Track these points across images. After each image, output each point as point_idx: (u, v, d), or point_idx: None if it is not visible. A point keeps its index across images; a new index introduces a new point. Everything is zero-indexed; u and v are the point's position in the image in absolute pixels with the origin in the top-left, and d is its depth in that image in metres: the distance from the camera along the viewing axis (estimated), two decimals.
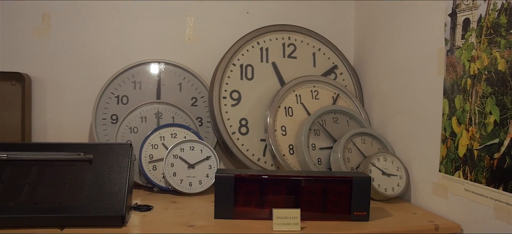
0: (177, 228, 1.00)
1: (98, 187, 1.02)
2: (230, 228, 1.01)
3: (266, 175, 1.10)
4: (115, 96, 1.49)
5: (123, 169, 1.05)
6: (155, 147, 1.37)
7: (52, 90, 1.56)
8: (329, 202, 1.09)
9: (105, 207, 0.99)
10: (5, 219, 0.97)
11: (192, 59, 1.59)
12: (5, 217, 0.97)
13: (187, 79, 1.55)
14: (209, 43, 1.62)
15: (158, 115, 1.47)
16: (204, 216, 1.10)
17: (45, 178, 1.06)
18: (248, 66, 1.55)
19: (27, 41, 1.54)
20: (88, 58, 1.56)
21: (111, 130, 1.46)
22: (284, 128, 1.48)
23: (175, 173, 1.32)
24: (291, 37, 1.62)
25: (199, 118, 1.54)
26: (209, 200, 1.26)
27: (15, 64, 1.53)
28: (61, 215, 0.98)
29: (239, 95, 1.53)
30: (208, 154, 1.36)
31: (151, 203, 1.20)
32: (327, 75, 1.63)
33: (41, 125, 1.56)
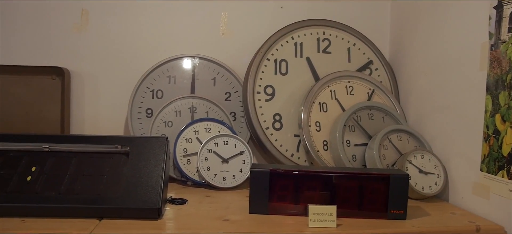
0: (212, 222, 1.00)
1: (135, 180, 1.03)
2: (265, 223, 1.00)
3: (302, 170, 1.09)
4: (150, 90, 1.51)
5: (159, 163, 1.06)
6: (189, 141, 1.38)
7: (90, 84, 1.60)
8: (365, 200, 1.07)
9: (141, 199, 1.00)
10: (47, 208, 1.00)
11: (226, 54, 1.60)
12: (47, 206, 1.00)
13: (221, 74, 1.56)
14: (243, 38, 1.62)
15: (192, 109, 1.48)
16: (238, 210, 1.10)
17: (84, 170, 1.08)
18: (282, 61, 1.54)
19: (66, 37, 1.58)
20: (124, 53, 1.59)
21: (146, 124, 1.48)
22: (318, 123, 1.46)
23: (209, 167, 1.32)
24: (325, 32, 1.60)
25: (233, 112, 1.55)
26: (243, 195, 1.26)
27: (55, 58, 1.58)
28: (99, 206, 1.00)
29: (273, 90, 1.52)
30: (242, 149, 1.36)
31: (185, 197, 1.21)
32: (362, 70, 1.60)
33: (79, 118, 1.60)
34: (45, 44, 1.58)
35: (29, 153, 1.12)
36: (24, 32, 1.57)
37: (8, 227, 0.93)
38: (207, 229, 0.95)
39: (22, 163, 1.09)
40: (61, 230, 0.92)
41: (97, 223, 0.97)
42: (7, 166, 1.08)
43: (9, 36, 1.57)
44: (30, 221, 0.97)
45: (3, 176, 1.06)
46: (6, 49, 1.57)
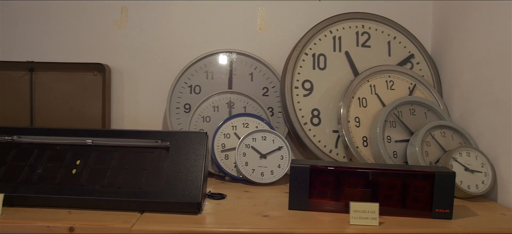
0: (252, 218, 1.00)
1: (175, 174, 1.04)
2: (305, 220, 0.99)
3: (343, 166, 1.07)
4: (188, 86, 1.52)
5: (199, 157, 1.07)
6: (227, 136, 1.38)
7: (129, 80, 1.63)
8: (409, 198, 1.04)
9: (182, 193, 1.01)
10: (91, 200, 1.02)
11: (263, 49, 1.59)
12: (91, 199, 1.02)
13: (259, 69, 1.55)
14: (280, 32, 1.61)
15: (230, 104, 1.48)
16: (277, 206, 1.09)
17: (126, 164, 1.10)
18: (320, 56, 1.52)
19: (107, 33, 1.62)
20: (162, 48, 1.61)
21: (184, 119, 1.50)
22: (357, 119, 1.43)
23: (247, 162, 1.32)
24: (365, 25, 1.56)
25: (270, 108, 1.54)
26: (281, 191, 1.25)
27: (96, 55, 1.61)
28: (141, 199, 1.02)
29: (311, 85, 1.50)
30: (280, 145, 1.35)
31: (223, 192, 1.21)
32: (403, 64, 1.55)
33: (119, 114, 1.63)
34: (87, 41, 1.62)
35: (74, 147, 1.15)
36: (67, 29, 1.62)
37: (56, 217, 0.96)
38: (247, 224, 0.94)
39: (68, 156, 1.12)
40: (106, 223, 0.94)
41: (138, 216, 0.98)
42: (54, 159, 1.12)
43: (53, 34, 1.62)
44: (75, 212, 1.00)
45: (51, 168, 1.09)
46: (50, 46, 1.63)
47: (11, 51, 1.63)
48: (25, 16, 1.63)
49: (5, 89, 1.58)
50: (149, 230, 0.91)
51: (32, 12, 1.62)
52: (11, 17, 1.63)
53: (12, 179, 1.08)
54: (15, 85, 1.57)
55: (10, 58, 1.60)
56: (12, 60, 1.58)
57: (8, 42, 1.64)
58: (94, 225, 0.93)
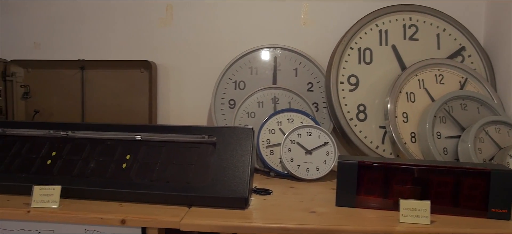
0: (299, 214, 0.99)
1: (222, 169, 1.05)
2: (353, 217, 0.97)
3: (392, 163, 1.04)
4: (232, 82, 1.53)
5: (246, 153, 1.07)
6: (272, 132, 1.38)
7: (175, 76, 1.66)
8: (462, 196, 1.00)
9: (229, 188, 1.01)
10: (141, 194, 1.05)
11: (307, 44, 1.57)
12: (141, 192, 1.05)
13: (303, 64, 1.54)
14: (325, 27, 1.59)
15: (275, 100, 1.48)
16: (324, 202, 1.08)
17: (174, 159, 1.12)
18: (366, 50, 1.49)
19: (153, 31, 1.65)
20: (207, 45, 1.63)
21: (229, 114, 1.51)
22: (405, 114, 1.39)
23: (293, 158, 1.31)
24: (412, 18, 1.52)
25: (315, 103, 1.52)
26: (328, 187, 1.24)
27: (143, 53, 1.65)
28: (189, 194, 1.03)
29: (357, 80, 1.47)
30: (326, 140, 1.33)
31: (268, 187, 1.21)
32: (454, 57, 1.49)
33: (165, 109, 1.67)
34: (134, 39, 1.67)
35: (124, 142, 1.18)
36: (115, 28, 1.67)
37: (108, 210, 0.99)
38: (294, 220, 0.94)
39: (118, 151, 1.16)
40: (156, 216, 0.96)
41: (186, 210, 1.00)
42: (106, 153, 1.16)
43: (102, 33, 1.68)
44: (126, 205, 1.03)
45: (102, 163, 1.13)
46: (100, 45, 1.68)
47: (64, 50, 1.70)
48: (76, 17, 1.69)
49: (59, 87, 1.65)
50: (198, 224, 0.93)
51: (83, 13, 1.68)
52: (64, 19, 1.70)
53: (68, 172, 1.13)
54: (68, 83, 1.64)
55: (63, 57, 1.67)
56: (65, 59, 1.65)
57: (61, 42, 1.71)
58: (145, 218, 0.96)
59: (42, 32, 1.72)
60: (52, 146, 1.20)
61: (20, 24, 1.73)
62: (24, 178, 1.13)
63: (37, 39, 1.73)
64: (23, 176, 1.13)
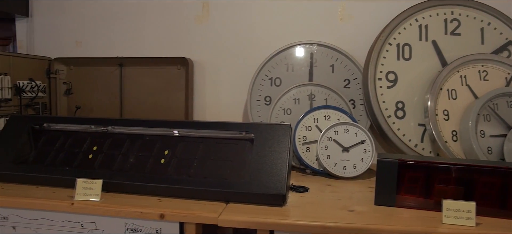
0: (337, 212, 0.98)
1: (260, 166, 1.05)
2: (393, 217, 0.95)
3: (434, 162, 1.01)
4: (268, 78, 1.53)
5: (283, 150, 1.06)
6: (309, 129, 1.36)
7: (211, 73, 1.67)
8: (510, 198, 0.95)
9: (267, 185, 1.01)
10: (179, 189, 1.06)
11: (344, 40, 1.55)
12: (179, 188, 1.06)
13: (340, 60, 1.52)
14: (362, 22, 1.56)
15: (311, 97, 1.47)
16: (362, 201, 1.06)
17: (211, 155, 1.13)
18: (405, 46, 1.45)
19: (189, 28, 1.67)
20: (243, 42, 1.63)
21: (265, 111, 1.51)
22: (446, 112, 1.35)
23: (329, 155, 1.30)
24: (454, 12, 1.46)
25: (352, 100, 1.50)
26: (365, 185, 1.22)
27: (180, 49, 1.67)
28: (226, 190, 1.04)
29: (396, 76, 1.44)
30: (363, 138, 1.31)
31: (305, 185, 1.20)
32: (499, 52, 1.43)
33: (201, 105, 1.69)
34: (170, 36, 1.69)
35: (162, 137, 1.20)
36: (153, 26, 1.70)
37: (148, 204, 1.01)
38: (333, 218, 0.92)
39: (156, 146, 1.18)
40: (194, 211, 0.97)
41: (224, 206, 1.01)
42: (144, 149, 1.18)
43: (140, 31, 1.71)
44: (165, 200, 1.05)
45: (141, 158, 1.16)
46: (138, 42, 1.72)
47: (104, 48, 1.74)
48: (115, 15, 1.73)
49: (99, 83, 1.70)
50: (236, 221, 0.93)
51: (121, 11, 1.72)
52: (103, 18, 1.74)
53: (108, 166, 1.16)
54: (107, 79, 1.69)
55: (103, 55, 1.71)
56: (105, 57, 1.69)
57: (101, 40, 1.75)
58: (183, 213, 0.97)
59: (83, 31, 1.77)
60: (94, 141, 1.23)
61: (63, 24, 1.78)
62: (68, 171, 1.16)
63: (78, 38, 1.78)
64: (66, 170, 1.17)
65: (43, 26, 1.81)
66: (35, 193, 1.11)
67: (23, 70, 1.53)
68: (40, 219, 1.09)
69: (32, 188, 1.15)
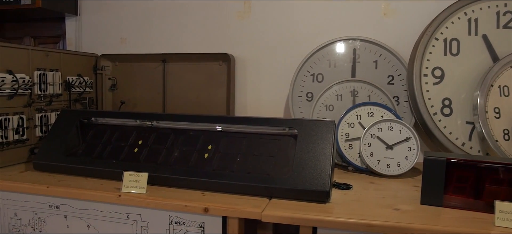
0: (383, 210, 0.96)
1: (303, 162, 1.05)
2: (441, 217, 0.92)
3: (486, 161, 0.97)
4: (310, 74, 1.52)
5: (327, 146, 1.05)
6: (351, 125, 1.34)
7: (252, 69, 1.67)
8: None
9: (310, 181, 1.01)
10: (222, 184, 1.07)
11: (388, 35, 1.51)
12: (222, 182, 1.07)
13: (383, 56, 1.48)
14: (407, 17, 1.51)
15: (354, 93, 1.44)
16: (408, 200, 1.04)
17: (254, 150, 1.14)
18: (453, 40, 1.40)
19: (231, 24, 1.68)
20: (284, 37, 1.63)
21: (307, 107, 1.50)
22: (497, 110, 1.29)
23: (372, 153, 1.28)
24: (507, 4, 1.39)
25: (396, 97, 1.46)
26: (410, 184, 1.19)
27: (222, 45, 1.69)
28: (269, 185, 1.04)
29: (442, 72, 1.39)
30: (408, 135, 1.28)
31: (347, 182, 1.18)
32: None
33: (242, 101, 1.69)
34: (212, 32, 1.71)
35: (205, 132, 1.22)
36: (195, 23, 1.72)
37: (192, 198, 1.03)
38: (378, 217, 0.91)
39: (200, 141, 1.19)
40: (237, 206, 0.98)
41: (267, 202, 1.01)
42: (188, 143, 1.20)
43: (183, 28, 1.74)
44: (208, 194, 1.06)
45: (185, 152, 1.18)
46: (180, 39, 1.75)
47: (147, 44, 1.79)
48: (158, 13, 1.77)
49: (143, 79, 1.74)
50: (280, 216, 0.93)
51: (165, 9, 1.76)
52: (147, 15, 1.78)
53: (153, 160, 1.19)
54: (151, 75, 1.72)
55: (147, 51, 1.75)
56: (148, 53, 1.73)
57: (144, 36, 1.80)
58: (227, 207, 0.98)
59: (128, 28, 1.82)
60: (139, 135, 1.27)
61: (109, 21, 1.84)
62: (115, 164, 1.20)
63: (123, 35, 1.83)
64: (113, 162, 1.21)
65: (90, 24, 1.87)
66: (84, 184, 1.16)
67: (72, 67, 1.59)
68: (89, 209, 1.13)
69: (81, 180, 1.20)
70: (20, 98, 1.37)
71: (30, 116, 1.40)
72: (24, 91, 1.37)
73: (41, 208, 1.18)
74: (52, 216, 1.17)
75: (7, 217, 1.22)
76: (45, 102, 1.46)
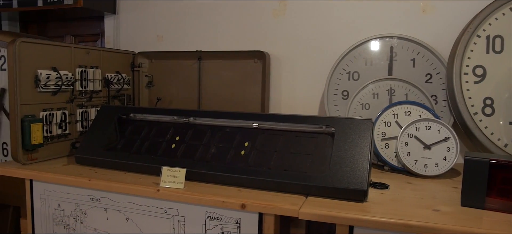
0: (421, 211, 0.94)
1: (340, 160, 1.04)
2: (484, 219, 0.90)
3: None
4: (346, 72, 1.51)
5: (365, 145, 1.05)
6: (388, 124, 1.33)
7: (287, 66, 1.67)
8: None
9: (348, 180, 1.00)
10: (259, 181, 1.08)
11: (427, 32, 1.48)
12: (259, 179, 1.08)
13: (421, 54, 1.45)
14: (447, 13, 1.48)
15: (391, 91, 1.42)
16: (447, 201, 1.01)
17: (291, 148, 1.14)
18: (496, 38, 1.35)
19: (266, 22, 1.69)
20: (320, 35, 1.62)
21: (342, 105, 1.49)
22: None
23: (410, 152, 1.25)
24: None
25: (434, 96, 1.43)
26: (448, 185, 1.16)
27: (257, 43, 1.70)
28: (306, 183, 1.04)
29: (484, 71, 1.35)
30: (447, 135, 1.25)
31: (384, 181, 1.17)
32: None
33: (277, 98, 1.70)
34: (248, 30, 1.72)
35: (242, 129, 1.23)
36: (230, 20, 1.73)
37: (229, 194, 1.04)
38: (417, 217, 0.89)
39: (236, 138, 1.21)
40: (274, 203, 0.98)
41: (304, 199, 1.01)
42: (224, 140, 1.21)
43: (218, 25, 1.76)
44: (245, 191, 1.07)
45: (222, 149, 1.19)
46: (216, 36, 1.76)
47: (183, 42, 1.82)
48: (194, 11, 1.79)
49: (178, 76, 1.77)
50: (317, 214, 0.93)
51: (200, 7, 1.78)
52: (183, 13, 1.81)
53: (190, 156, 1.21)
54: (187, 72, 1.75)
55: (182, 49, 1.78)
56: (184, 50, 1.76)
57: (181, 34, 1.83)
58: (264, 204, 0.99)
59: (164, 26, 1.85)
60: (176, 131, 1.29)
61: (146, 19, 1.88)
62: (153, 159, 1.23)
63: (160, 32, 1.86)
64: (151, 158, 1.24)
65: (128, 22, 1.92)
66: (124, 178, 1.19)
67: (111, 64, 1.64)
68: (128, 203, 1.16)
69: (120, 174, 1.23)
70: (63, 94, 1.42)
71: (72, 111, 1.45)
72: (67, 88, 1.42)
73: (82, 200, 1.22)
74: (93, 208, 1.21)
75: (51, 208, 1.27)
76: (86, 98, 1.51)
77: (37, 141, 1.30)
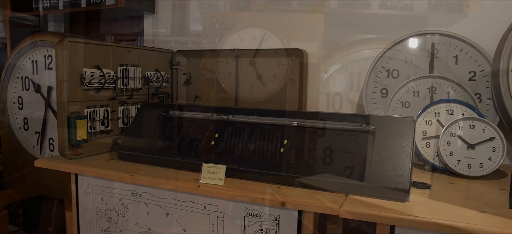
0: (467, 212, 0.92)
1: (382, 159, 1.03)
2: None
3: None
4: (385, 70, 1.48)
5: (406, 144, 1.03)
6: (429, 123, 1.30)
7: (325, 64, 1.66)
8: None
9: (389, 179, 0.99)
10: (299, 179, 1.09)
11: (470, 28, 1.44)
12: (299, 177, 1.09)
13: (465, 51, 1.41)
14: (492, 8, 1.43)
15: (432, 90, 1.39)
16: (494, 203, 0.98)
17: (331, 145, 1.13)
18: None
19: (304, 20, 1.68)
20: (359, 33, 1.60)
21: (381, 103, 1.47)
22: None
23: (452, 152, 1.22)
24: None
25: (478, 94, 1.39)
26: (494, 187, 1.13)
27: (294, 41, 1.69)
28: (346, 181, 1.04)
29: None
30: (492, 135, 1.21)
31: (425, 181, 1.14)
32: None
33: (314, 96, 1.69)
34: (286, 27, 1.71)
35: (281, 127, 1.23)
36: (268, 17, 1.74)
37: (268, 191, 1.05)
38: (464, 219, 0.87)
39: (275, 135, 1.21)
40: (315, 201, 0.98)
41: (344, 198, 1.00)
42: (263, 137, 1.22)
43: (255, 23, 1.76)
44: (285, 188, 1.08)
45: (261, 146, 1.20)
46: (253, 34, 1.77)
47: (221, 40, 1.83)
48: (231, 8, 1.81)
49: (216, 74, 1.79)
50: (358, 213, 0.92)
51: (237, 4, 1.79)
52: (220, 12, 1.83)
53: (229, 153, 1.22)
54: (224, 70, 1.77)
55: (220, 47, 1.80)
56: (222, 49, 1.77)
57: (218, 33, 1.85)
58: (304, 202, 0.99)
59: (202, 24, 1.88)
60: (215, 128, 1.31)
61: (184, 19, 1.91)
62: (192, 156, 1.25)
63: (197, 31, 1.89)
64: (192, 154, 1.26)
65: (166, 21, 1.96)
66: (164, 174, 1.22)
67: (150, 62, 1.68)
68: (168, 198, 1.19)
69: (161, 170, 1.26)
70: (105, 91, 1.46)
71: (114, 108, 1.50)
72: (109, 85, 1.46)
73: (124, 195, 1.26)
74: (134, 203, 1.25)
75: (95, 201, 1.31)
76: (127, 96, 1.55)
77: (82, 137, 1.35)
